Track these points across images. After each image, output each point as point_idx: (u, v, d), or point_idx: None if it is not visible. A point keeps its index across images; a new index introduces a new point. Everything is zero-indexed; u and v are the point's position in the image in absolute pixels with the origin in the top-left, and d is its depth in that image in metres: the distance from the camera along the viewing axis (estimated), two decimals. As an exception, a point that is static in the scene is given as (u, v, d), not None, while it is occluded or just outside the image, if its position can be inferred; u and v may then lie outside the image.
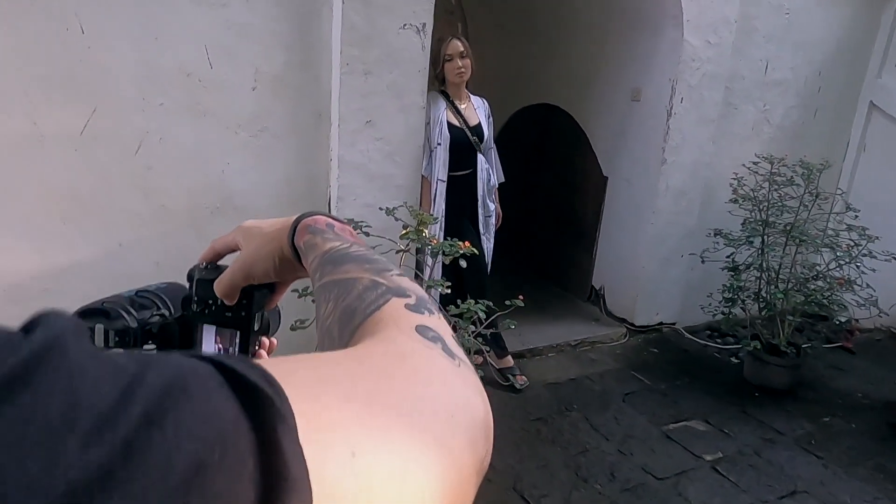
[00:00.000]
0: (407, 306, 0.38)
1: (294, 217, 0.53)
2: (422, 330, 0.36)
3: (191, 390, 0.20)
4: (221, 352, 0.59)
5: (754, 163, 3.40)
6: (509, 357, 3.28)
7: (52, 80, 2.13)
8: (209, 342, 0.59)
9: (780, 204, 3.37)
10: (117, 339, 0.58)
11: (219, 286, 0.57)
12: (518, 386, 3.12)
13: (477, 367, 2.50)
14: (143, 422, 0.18)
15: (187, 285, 0.63)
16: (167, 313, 0.62)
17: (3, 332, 0.19)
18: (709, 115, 3.62)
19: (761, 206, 3.37)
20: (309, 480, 0.22)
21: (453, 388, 0.32)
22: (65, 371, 0.18)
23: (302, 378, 0.26)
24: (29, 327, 0.20)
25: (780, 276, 3.37)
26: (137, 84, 2.26)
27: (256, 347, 0.61)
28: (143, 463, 0.18)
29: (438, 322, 0.38)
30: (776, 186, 3.36)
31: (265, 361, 0.26)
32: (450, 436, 0.29)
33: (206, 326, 0.59)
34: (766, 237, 3.36)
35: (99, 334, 0.57)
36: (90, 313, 0.58)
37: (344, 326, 0.38)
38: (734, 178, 3.43)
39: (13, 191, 2.16)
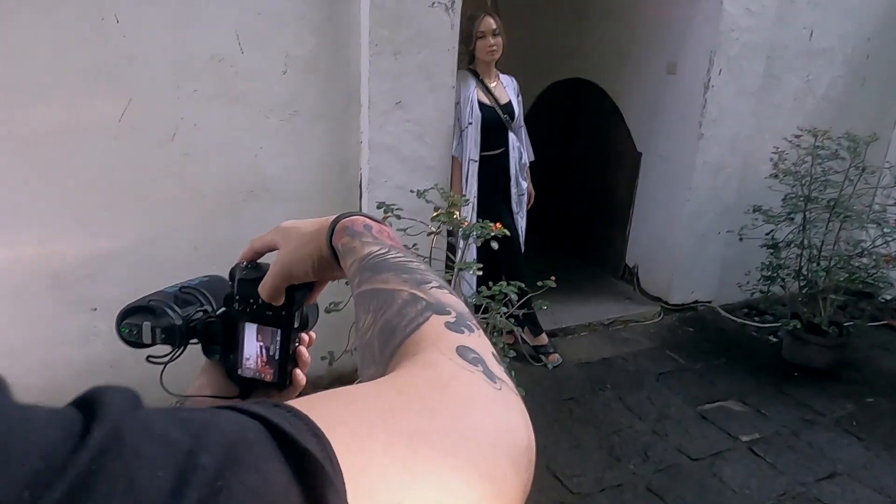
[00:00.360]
0: (447, 325, 0.38)
1: (332, 217, 0.53)
2: (462, 351, 0.35)
3: (242, 463, 0.21)
4: (263, 350, 0.60)
5: (796, 136, 3.28)
6: (544, 335, 3.28)
7: (88, 70, 2.18)
8: (251, 340, 0.60)
9: (823, 179, 3.25)
10: (163, 335, 0.59)
11: (263, 290, 0.58)
12: (551, 365, 3.12)
13: (509, 346, 2.50)
14: None
15: (228, 281, 0.65)
16: (210, 309, 0.63)
17: (59, 426, 0.19)
18: (749, 86, 3.49)
19: (803, 181, 3.26)
20: None
21: (495, 415, 0.32)
22: (122, 467, 0.18)
23: (348, 425, 0.26)
24: (85, 411, 0.20)
25: (823, 254, 3.26)
26: (171, 72, 2.29)
27: (297, 343, 0.62)
28: None
29: (479, 341, 0.38)
30: (820, 160, 3.24)
31: (312, 402, 0.26)
32: (493, 466, 0.29)
33: (247, 325, 0.60)
34: (807, 213, 3.25)
35: (146, 332, 0.59)
36: (137, 310, 0.60)
37: (385, 344, 0.38)
38: (775, 153, 3.32)
39: (57, 180, 2.23)
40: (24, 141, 2.15)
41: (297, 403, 0.26)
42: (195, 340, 0.62)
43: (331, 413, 0.26)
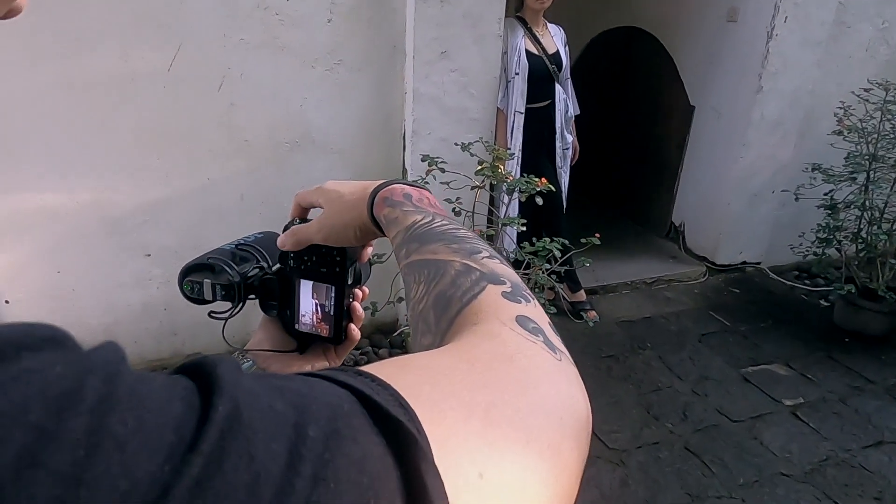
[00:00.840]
0: (504, 294, 0.38)
1: (372, 186, 0.53)
2: (522, 321, 0.35)
3: (343, 435, 0.21)
4: (318, 306, 0.62)
5: (866, 90, 3.06)
6: (582, 292, 3.26)
7: (140, 18, 2.19)
8: (306, 296, 0.62)
9: (892, 136, 3.05)
10: (223, 292, 0.61)
11: (292, 237, 0.58)
12: (591, 322, 3.11)
13: (549, 301, 2.50)
14: (313, 483, 0.19)
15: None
16: (266, 265, 0.64)
17: (181, 398, 0.20)
18: (816, 36, 3.27)
19: (870, 139, 3.07)
20: None
21: (559, 387, 0.32)
22: (246, 441, 0.19)
23: (427, 396, 0.27)
24: (198, 381, 0.21)
25: (885, 216, 3.10)
26: (219, 20, 2.29)
27: (350, 299, 0.63)
28: None
29: (536, 310, 0.38)
30: (889, 116, 3.03)
31: (387, 370, 0.27)
32: (559, 439, 0.29)
33: (302, 281, 0.61)
34: (872, 173, 3.08)
35: (207, 289, 0.61)
36: (198, 268, 0.62)
37: (441, 315, 0.38)
38: (840, 107, 3.12)
39: (111, 127, 2.29)
40: (79, 89, 2.20)
41: (377, 372, 0.26)
42: (253, 296, 0.64)
43: (411, 384, 0.26)
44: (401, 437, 0.23)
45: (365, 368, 0.27)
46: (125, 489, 0.17)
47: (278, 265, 0.63)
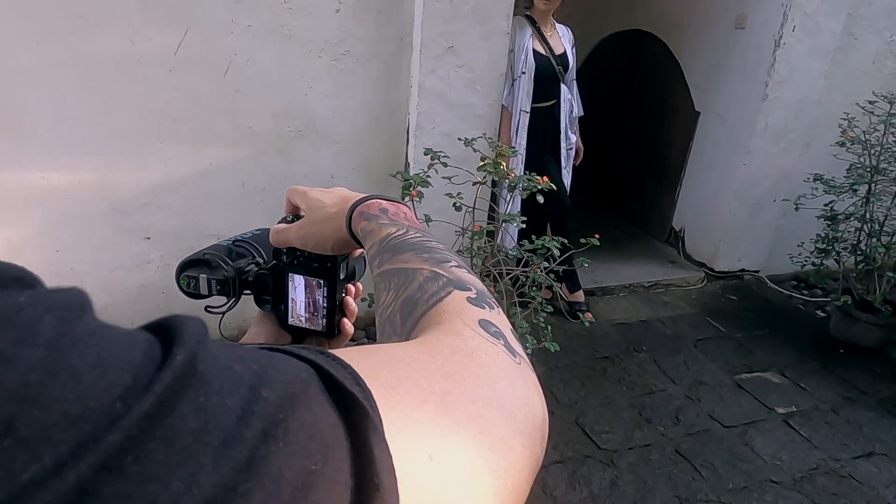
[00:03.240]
0: (468, 300, 0.39)
1: (353, 200, 0.55)
2: (485, 324, 0.37)
3: (298, 401, 0.22)
4: (310, 300, 0.63)
5: (871, 102, 3.07)
6: (581, 292, 3.26)
7: None
8: (299, 291, 0.63)
9: (895, 149, 3.06)
10: (219, 287, 0.63)
11: (274, 235, 0.61)
12: (588, 322, 3.11)
13: (546, 301, 2.50)
14: (262, 437, 0.20)
15: None
16: (261, 261, 0.66)
17: (140, 347, 0.20)
18: (824, 45, 3.27)
19: (872, 151, 3.07)
20: (397, 489, 0.24)
21: (516, 386, 0.33)
22: (198, 391, 0.20)
23: (385, 379, 0.28)
24: (162, 336, 0.21)
25: (885, 229, 3.11)
26: (228, 6, 2.29)
27: (343, 294, 0.64)
28: (261, 475, 0.19)
29: (499, 317, 0.39)
30: (893, 129, 3.04)
31: (349, 354, 0.27)
32: (511, 434, 0.30)
33: (295, 276, 0.62)
34: (873, 185, 3.08)
35: (203, 284, 0.62)
36: (194, 263, 0.63)
37: (406, 317, 0.39)
38: (844, 119, 3.13)
39: (116, 108, 2.29)
40: (86, 69, 2.20)
41: (338, 353, 0.27)
42: (248, 292, 0.65)
43: (370, 367, 0.27)
44: (354, 412, 0.24)
45: (331, 352, 0.27)
46: (76, 415, 0.17)
47: (273, 261, 0.64)
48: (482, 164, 2.32)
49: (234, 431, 0.19)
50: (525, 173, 2.41)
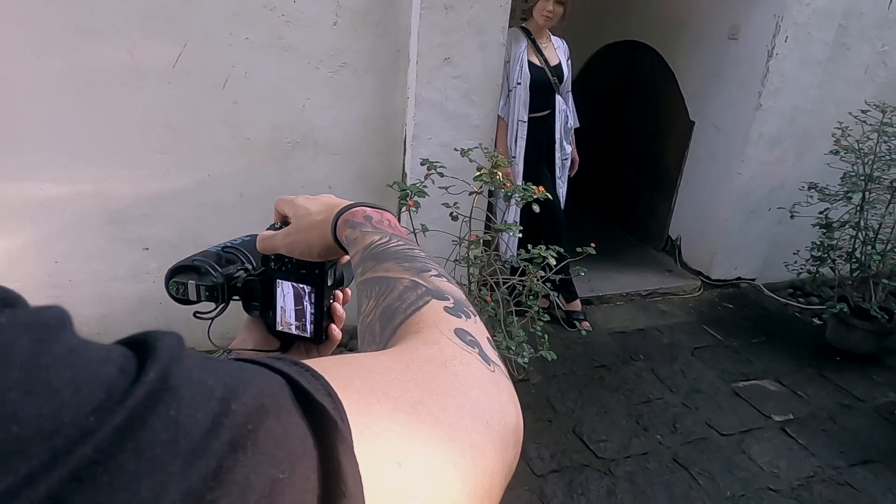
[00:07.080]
0: (446, 309, 0.40)
1: (338, 208, 0.56)
2: (460, 333, 0.38)
3: (267, 412, 0.23)
4: (298, 306, 0.64)
5: (863, 111, 3.10)
6: (577, 301, 3.27)
7: (148, 12, 2.22)
8: (287, 297, 0.64)
9: (888, 158, 3.08)
10: (207, 293, 0.63)
11: (261, 242, 0.61)
12: (584, 331, 3.12)
13: (543, 309, 2.51)
14: (230, 448, 0.21)
15: None
16: (250, 267, 0.66)
17: (116, 363, 0.21)
18: (816, 56, 3.31)
19: (866, 160, 3.10)
20: (363, 496, 0.24)
21: (489, 394, 0.34)
22: (169, 405, 0.21)
23: (356, 388, 0.28)
24: (138, 351, 0.22)
25: (880, 237, 3.13)
26: (226, 18, 2.31)
27: (331, 300, 0.65)
28: (228, 484, 0.20)
29: (475, 326, 0.40)
30: (886, 138, 3.06)
31: (324, 364, 0.29)
32: (484, 441, 0.31)
33: (283, 282, 0.63)
34: (867, 193, 3.10)
35: (192, 289, 0.63)
36: (183, 269, 0.64)
37: (385, 325, 0.40)
38: (838, 128, 3.15)
39: (115, 120, 2.31)
40: (86, 81, 2.22)
41: (313, 364, 0.28)
42: (237, 298, 0.66)
43: (343, 377, 0.28)
44: (322, 421, 0.25)
45: (306, 362, 0.28)
46: (51, 429, 0.18)
47: (262, 267, 0.65)
48: (478, 174, 2.34)
49: (202, 442, 0.20)
50: (522, 182, 2.43)
